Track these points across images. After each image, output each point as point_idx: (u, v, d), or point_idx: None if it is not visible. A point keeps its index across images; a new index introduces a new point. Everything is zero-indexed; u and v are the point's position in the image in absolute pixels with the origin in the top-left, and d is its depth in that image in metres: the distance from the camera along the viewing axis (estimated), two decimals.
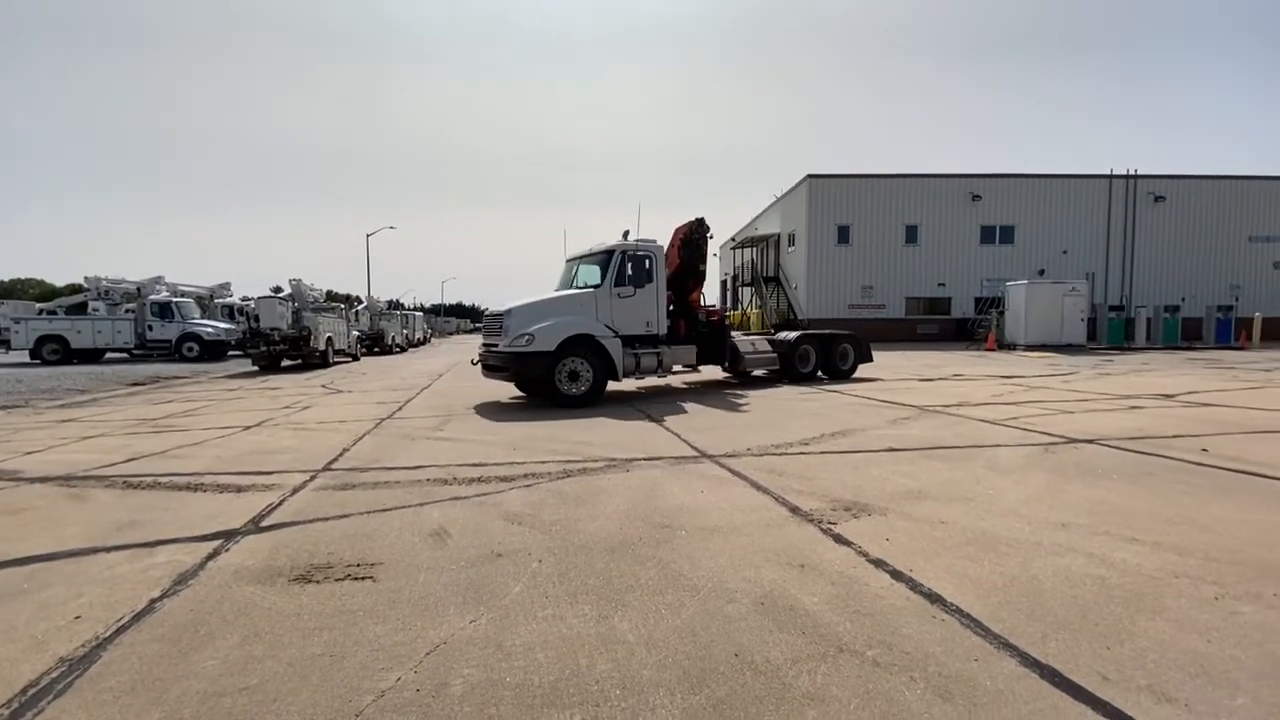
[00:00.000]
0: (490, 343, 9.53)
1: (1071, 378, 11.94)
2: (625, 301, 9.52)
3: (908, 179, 31.20)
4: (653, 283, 9.77)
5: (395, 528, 3.58)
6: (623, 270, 9.50)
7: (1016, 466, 4.78)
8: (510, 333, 8.91)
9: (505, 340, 8.92)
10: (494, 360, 9.17)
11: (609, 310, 9.41)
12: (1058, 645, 2.20)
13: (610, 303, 9.42)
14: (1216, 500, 3.83)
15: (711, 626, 2.38)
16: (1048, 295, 23.54)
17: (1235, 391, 9.24)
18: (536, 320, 8.92)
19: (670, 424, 7.03)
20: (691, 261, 10.74)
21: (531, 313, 9.06)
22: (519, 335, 8.81)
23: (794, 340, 11.73)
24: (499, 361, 9.04)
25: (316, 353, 18.35)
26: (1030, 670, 2.06)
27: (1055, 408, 7.80)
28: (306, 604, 2.64)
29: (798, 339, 11.81)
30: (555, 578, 2.84)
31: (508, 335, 8.92)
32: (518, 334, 8.83)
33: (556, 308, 9.23)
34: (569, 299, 9.48)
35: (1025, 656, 2.13)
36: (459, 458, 5.43)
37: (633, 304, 9.59)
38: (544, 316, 8.99)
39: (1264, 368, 13.79)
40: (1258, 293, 30.57)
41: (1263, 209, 31.10)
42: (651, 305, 9.83)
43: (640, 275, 9.65)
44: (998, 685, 1.98)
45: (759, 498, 4.06)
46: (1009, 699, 1.91)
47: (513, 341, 8.82)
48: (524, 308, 9.14)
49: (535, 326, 8.83)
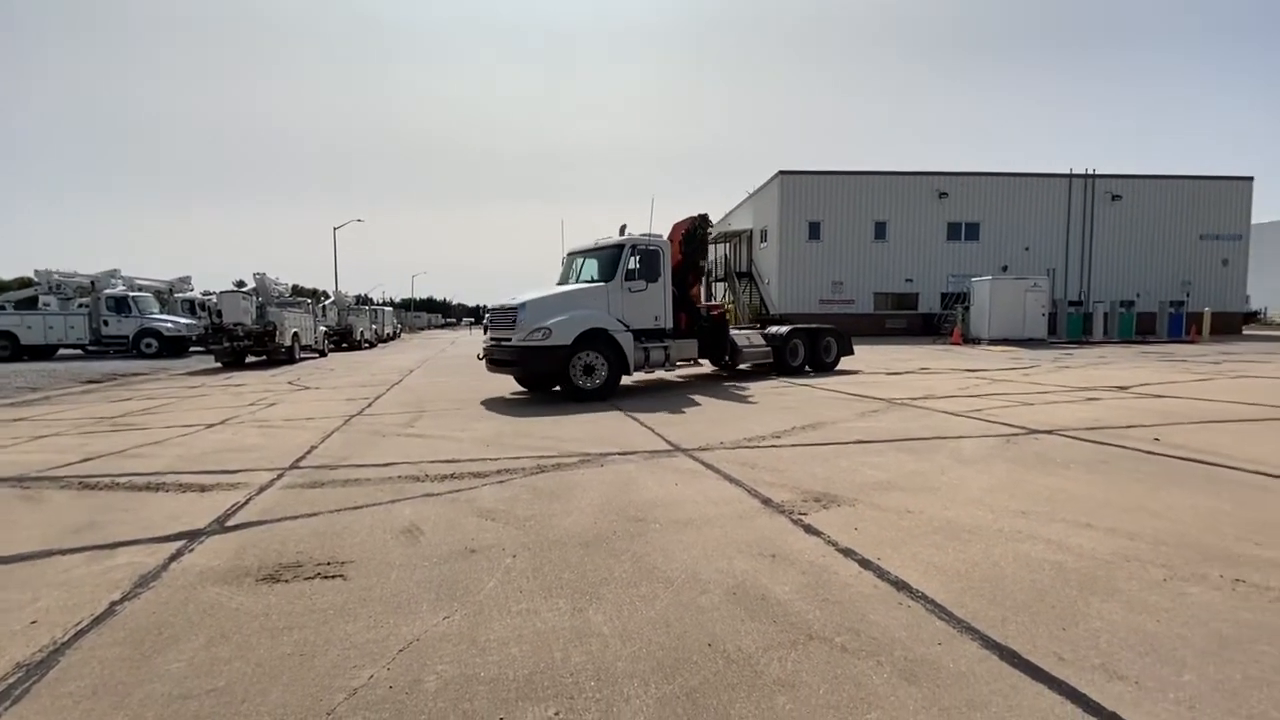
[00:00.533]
0: (500, 336, 9.25)
1: (1032, 371, 12.31)
2: (636, 296, 9.57)
3: (877, 176, 31.71)
4: (661, 278, 9.86)
5: (366, 525, 3.54)
6: (634, 265, 9.56)
7: (979, 457, 4.92)
8: (524, 326, 8.73)
9: (519, 334, 8.73)
10: (505, 355, 8.95)
11: (620, 304, 9.40)
12: (1017, 628, 2.29)
13: (621, 297, 9.43)
14: (1166, 487, 4.00)
15: (685, 617, 2.41)
16: (1011, 291, 24.19)
17: (1185, 383, 9.64)
18: (551, 314, 8.78)
19: (643, 418, 7.06)
20: (693, 257, 10.90)
21: (545, 306, 8.93)
22: (535, 329, 8.64)
23: (786, 334, 12.04)
24: (511, 356, 8.83)
25: (282, 348, 17.93)
26: (991, 652, 2.13)
27: (1017, 400, 8.04)
28: (275, 604, 2.60)
29: (789, 333, 12.10)
30: (529, 572, 2.84)
31: (521, 329, 8.73)
32: (533, 328, 8.65)
33: (569, 301, 9.13)
34: (582, 293, 9.36)
35: (986, 639, 2.21)
36: (431, 454, 5.37)
37: (643, 298, 9.66)
38: (558, 310, 8.88)
39: (1212, 360, 14.40)
40: (1207, 289, 31.86)
41: (1212, 209, 32.39)
42: (659, 300, 9.92)
43: (651, 270, 9.73)
44: (960, 667, 2.05)
45: (731, 490, 4.11)
46: (970, 680, 1.98)
47: (528, 335, 8.64)
48: (537, 301, 8.98)
49: (551, 320, 8.67)
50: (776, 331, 12.23)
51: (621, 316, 9.36)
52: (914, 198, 31.60)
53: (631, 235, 9.91)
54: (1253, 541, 3.04)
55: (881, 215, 31.61)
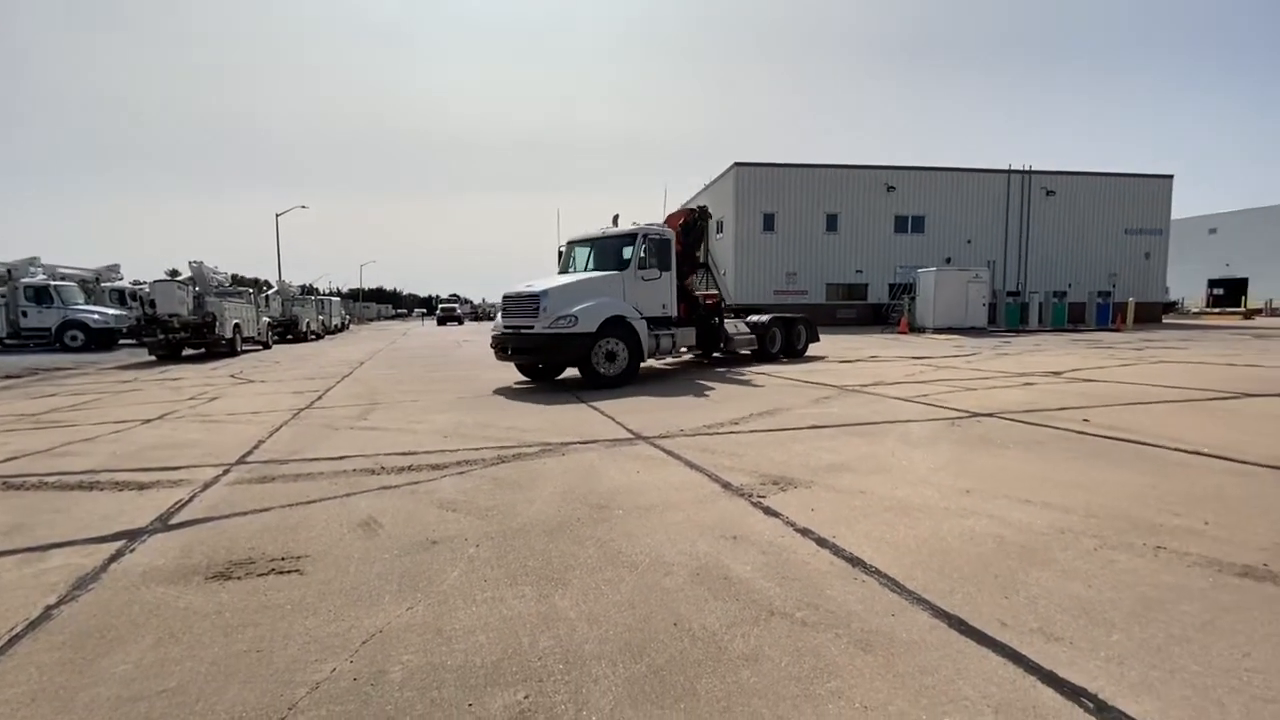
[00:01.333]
0: (517, 324, 9.14)
1: (974, 358, 12.87)
2: (648, 285, 9.81)
3: (828, 169, 32.37)
4: (670, 267, 10.18)
5: (321, 520, 3.45)
6: (647, 254, 9.79)
7: (927, 439, 5.14)
8: (549, 314, 8.74)
9: (543, 322, 8.74)
10: (529, 343, 8.89)
11: (634, 293, 9.60)
12: (963, 597, 2.42)
13: (635, 286, 9.63)
14: (1096, 464, 4.27)
15: (650, 599, 2.45)
16: (954, 282, 25.19)
17: (1112, 368, 10.25)
18: (573, 302, 8.85)
19: (604, 408, 7.07)
20: (691, 247, 11.19)
21: (567, 294, 8.98)
22: (560, 316, 8.69)
23: (767, 323, 12.77)
24: (535, 343, 8.82)
25: (223, 340, 17.16)
26: (940, 621, 2.25)
27: (960, 385, 8.41)
28: (228, 601, 2.52)
29: (770, 322, 12.84)
30: (493, 561, 2.83)
31: (545, 317, 8.75)
32: (558, 315, 8.70)
33: (589, 289, 9.22)
34: (600, 280, 9.48)
35: (936, 609, 2.33)
36: (387, 447, 5.26)
37: (654, 287, 9.92)
38: (580, 298, 8.96)
39: (1135, 347, 15.35)
40: (1132, 280, 33.86)
41: (1136, 205, 34.38)
42: (668, 288, 10.21)
43: (663, 259, 10.04)
44: (912, 636, 2.16)
45: (692, 475, 4.17)
46: (922, 648, 2.08)
47: (553, 323, 8.68)
48: (559, 289, 9.01)
49: (577, 308, 8.75)
50: (758, 320, 12.84)
51: (635, 304, 9.55)
52: (863, 191, 32.42)
53: (641, 225, 10.17)
54: (1172, 512, 3.28)
55: (833, 208, 32.33)
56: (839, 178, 32.34)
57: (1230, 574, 2.56)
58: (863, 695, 1.84)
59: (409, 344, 23.05)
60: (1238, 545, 2.84)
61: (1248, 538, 2.92)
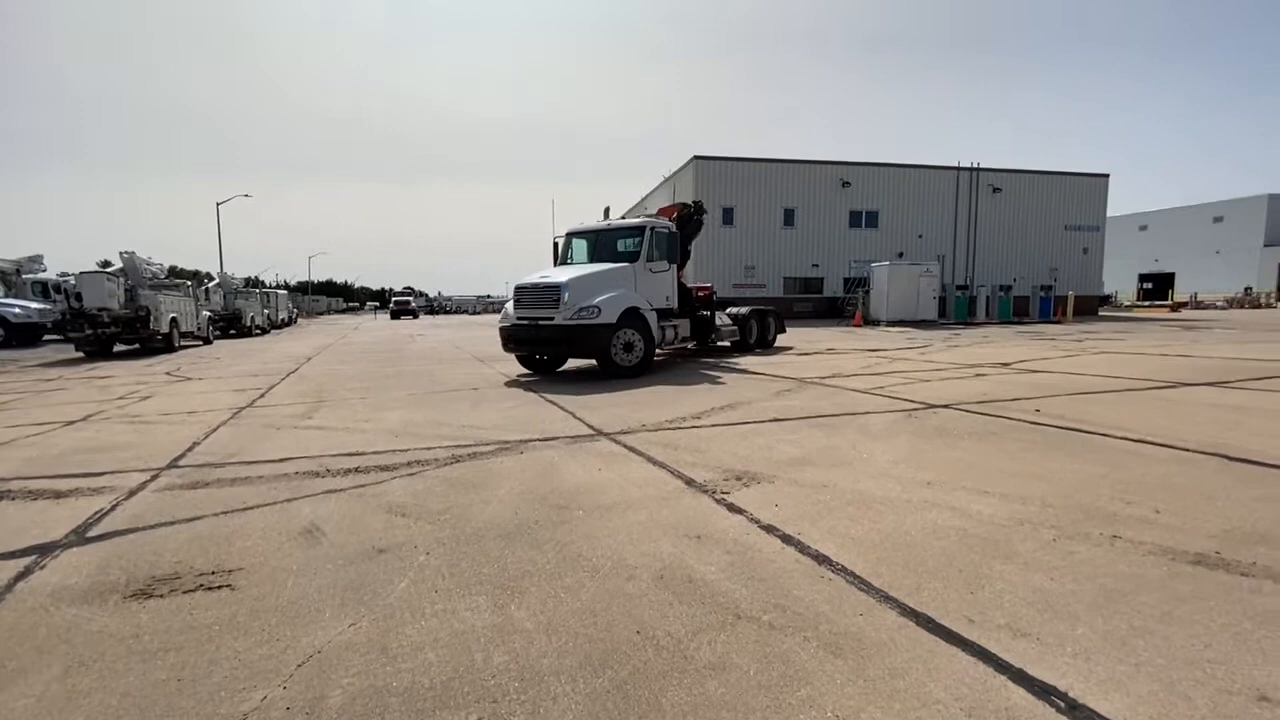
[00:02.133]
0: (534, 315, 9.07)
1: (927, 350, 13.18)
2: (656, 277, 10.06)
3: (786, 164, 32.74)
4: (675, 260, 10.51)
5: (258, 528, 3.21)
6: (655, 246, 10.03)
7: (885, 432, 5.17)
8: (570, 305, 8.77)
9: (565, 313, 8.77)
10: (551, 334, 8.88)
11: (642, 285, 9.74)
12: (930, 594, 2.38)
13: (644, 278, 9.80)
14: (1049, 454, 4.36)
15: (612, 606, 2.34)
16: (906, 276, 25.82)
17: (1056, 359, 10.63)
18: (593, 293, 8.94)
19: (564, 403, 6.91)
20: (685, 240, 11.37)
21: (585, 285, 9.02)
22: (583, 307, 8.75)
23: (747, 315, 13.41)
24: (555, 335, 8.84)
25: (158, 336, 16.24)
26: (908, 620, 2.20)
27: (915, 377, 8.56)
28: (148, 623, 2.29)
29: (749, 314, 13.47)
30: (445, 570, 2.67)
31: (567, 308, 8.77)
32: (581, 306, 8.76)
33: (605, 281, 9.30)
34: (614, 272, 9.53)
35: (903, 607, 2.29)
36: (333, 447, 4.99)
37: (661, 279, 10.18)
38: (598, 289, 9.05)
39: (1076, 338, 16.00)
40: (1072, 274, 35.40)
41: (1075, 202, 35.94)
42: (672, 281, 10.49)
43: (671, 251, 10.36)
44: (881, 637, 2.10)
45: (655, 472, 4.07)
46: (892, 648, 2.03)
47: (575, 314, 8.74)
48: (579, 280, 9.02)
49: (598, 299, 8.85)
50: (739, 313, 13.40)
51: (647, 296, 9.73)
52: (820, 186, 32.93)
53: (647, 217, 10.60)
54: (1125, 501, 3.34)
55: (790, 203, 32.73)
56: (796, 173, 32.75)
57: (1184, 562, 2.60)
58: (834, 703, 1.77)
59: (360, 338, 22.31)
60: (1188, 533, 2.90)
61: (1197, 525, 2.99)
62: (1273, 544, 2.75)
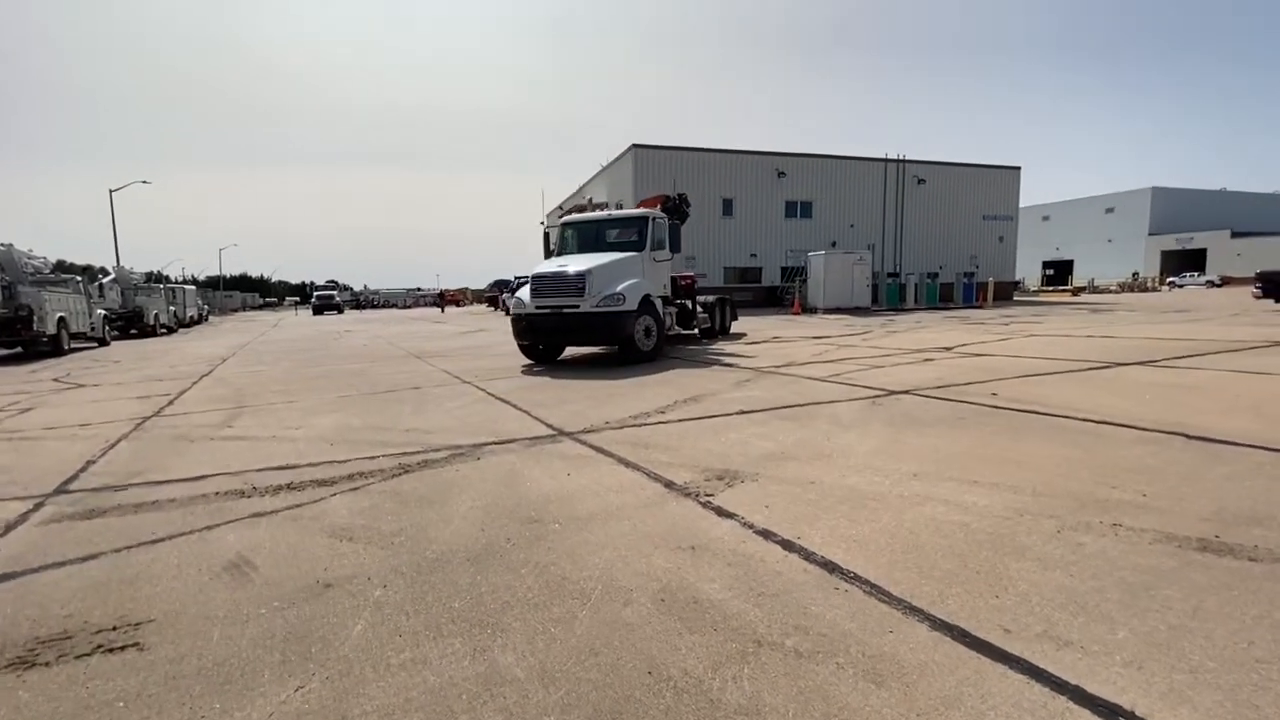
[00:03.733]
0: (558, 304, 9.17)
1: (868, 336, 13.44)
2: (659, 265, 10.47)
3: (724, 154, 32.90)
4: (676, 249, 10.80)
5: (172, 565, 2.70)
6: (658, 235, 10.36)
7: (855, 421, 5.06)
8: (595, 293, 8.98)
9: (591, 301, 8.97)
10: (573, 322, 9.06)
11: (650, 273, 10.05)
12: (955, 602, 2.20)
13: (650, 266, 10.09)
14: (1021, 439, 4.34)
15: (613, 640, 2.03)
16: (841, 264, 26.50)
17: (992, 342, 11.02)
18: (614, 281, 9.16)
19: (516, 401, 6.49)
20: None
21: (607, 273, 9.21)
22: (607, 295, 8.98)
23: (713, 303, 13.93)
24: (581, 323, 9.03)
25: (43, 337, 14.55)
26: (942, 634, 2.01)
27: (867, 364, 8.61)
28: (30, 703, 1.81)
29: (715, 302, 14.02)
30: (408, 606, 2.28)
31: (592, 296, 8.97)
32: (605, 294, 8.99)
33: (621, 269, 9.47)
34: (629, 261, 9.73)
35: (933, 620, 2.09)
36: (259, 460, 4.42)
37: (661, 268, 10.59)
38: (618, 277, 9.26)
39: (1002, 322, 16.79)
40: (990, 262, 37.38)
41: (991, 193, 37.92)
42: (668, 269, 10.96)
43: (673, 241, 10.69)
44: (919, 657, 1.89)
45: (630, 475, 3.77)
46: (935, 671, 1.82)
47: (601, 302, 8.97)
48: (601, 269, 9.20)
49: (620, 286, 9.07)
50: (707, 300, 13.83)
51: (653, 284, 10.04)
52: (756, 177, 33.30)
53: (645, 208, 11.11)
54: (1110, 485, 3.31)
55: (728, 193, 32.94)
56: (734, 163, 32.97)
57: (1190, 549, 2.54)
58: None
59: (281, 336, 20.84)
60: (1182, 516, 2.86)
61: (1186, 507, 2.97)
62: (1265, 524, 2.74)
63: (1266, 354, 8.25)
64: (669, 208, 11.61)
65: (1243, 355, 8.18)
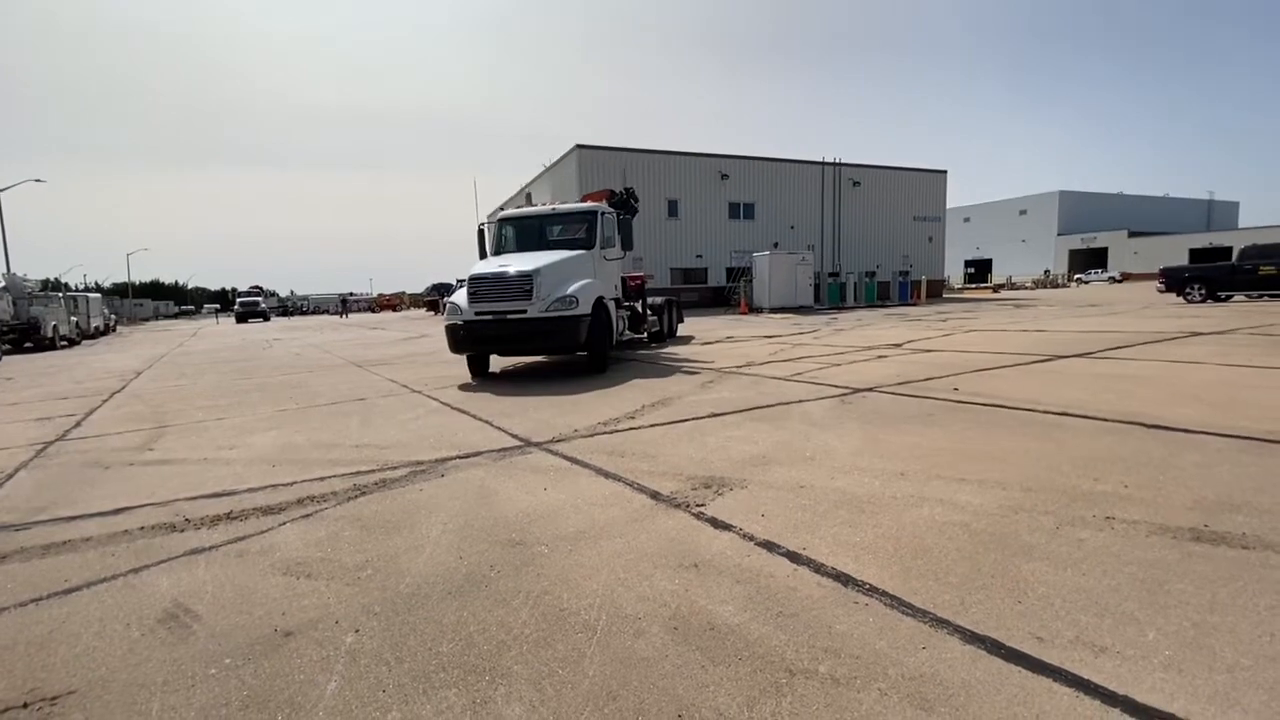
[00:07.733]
0: (502, 309, 8.02)
1: (818, 335, 13.66)
2: (610, 264, 9.63)
3: (668, 155, 33.02)
4: (629, 246, 10.06)
5: (94, 619, 2.30)
6: (606, 232, 9.55)
7: (829, 420, 5.02)
8: (544, 296, 7.96)
9: (539, 305, 7.94)
10: (521, 329, 7.96)
11: (601, 273, 9.19)
12: (979, 610, 2.11)
13: (600, 265, 9.27)
14: (992, 433, 4.39)
15: (631, 679, 1.82)
16: (785, 264, 27.00)
17: (937, 339, 11.38)
18: (564, 281, 8.22)
19: (473, 410, 6.15)
20: None
21: (556, 273, 8.25)
22: (559, 298, 7.98)
23: (662, 305, 13.55)
24: (530, 329, 7.95)
25: None
26: (977, 648, 1.90)
27: (825, 362, 8.68)
28: None
29: (663, 304, 13.68)
30: (388, 654, 2.00)
31: (541, 299, 7.94)
32: (557, 296, 7.98)
33: (571, 268, 8.58)
34: (578, 260, 8.84)
35: (963, 632, 1.99)
36: (189, 487, 3.95)
37: (612, 267, 9.73)
38: (568, 277, 8.35)
39: (939, 318, 17.46)
40: (921, 261, 39.03)
41: (921, 195, 39.64)
42: (619, 269, 10.11)
43: (624, 237, 9.93)
44: (960, 675, 1.77)
45: (611, 486, 3.56)
46: (980, 690, 1.70)
47: (551, 305, 7.94)
48: (550, 269, 8.22)
49: (571, 288, 8.13)
50: (655, 302, 13.22)
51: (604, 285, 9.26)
52: (700, 178, 33.59)
53: (591, 203, 10.15)
54: (1092, 478, 3.34)
55: (673, 194, 33.07)
56: (678, 164, 33.14)
57: (1185, 540, 2.55)
58: None
59: (202, 346, 19.41)
60: (1168, 507, 2.90)
61: (1169, 498, 3.01)
62: (1244, 511, 2.81)
63: (1188, 344, 8.82)
64: (617, 203, 10.66)
65: (1167, 345, 8.71)
